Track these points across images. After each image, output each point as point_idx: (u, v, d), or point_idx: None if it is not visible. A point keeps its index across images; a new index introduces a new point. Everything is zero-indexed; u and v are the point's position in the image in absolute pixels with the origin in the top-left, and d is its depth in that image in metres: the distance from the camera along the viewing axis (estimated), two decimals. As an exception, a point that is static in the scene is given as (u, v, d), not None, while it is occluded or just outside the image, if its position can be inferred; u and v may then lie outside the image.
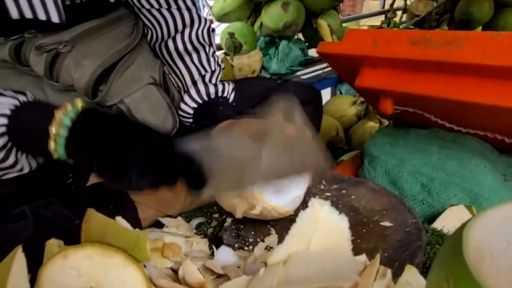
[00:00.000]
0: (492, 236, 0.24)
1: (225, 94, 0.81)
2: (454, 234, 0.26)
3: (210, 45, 0.83)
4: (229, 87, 0.83)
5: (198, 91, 0.79)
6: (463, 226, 0.25)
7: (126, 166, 0.50)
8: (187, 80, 0.80)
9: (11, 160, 0.55)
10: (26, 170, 0.60)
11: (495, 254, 0.22)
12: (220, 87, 0.81)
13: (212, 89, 0.79)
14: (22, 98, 0.55)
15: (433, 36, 0.70)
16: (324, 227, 0.48)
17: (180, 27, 0.78)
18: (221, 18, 2.01)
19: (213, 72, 0.81)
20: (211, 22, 0.96)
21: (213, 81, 0.81)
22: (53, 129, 0.50)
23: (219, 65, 0.83)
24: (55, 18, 0.61)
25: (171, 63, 0.80)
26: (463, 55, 0.66)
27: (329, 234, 0.48)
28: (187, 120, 0.81)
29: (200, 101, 0.79)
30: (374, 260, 0.42)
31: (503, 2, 2.03)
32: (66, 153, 0.52)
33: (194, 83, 0.80)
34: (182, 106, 0.80)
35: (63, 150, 0.51)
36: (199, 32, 0.80)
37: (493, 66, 0.64)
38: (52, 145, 0.51)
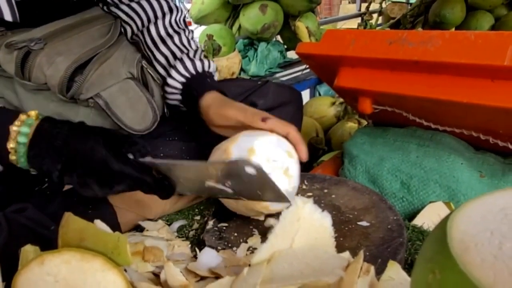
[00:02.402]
0: (476, 227, 0.24)
1: (211, 70, 0.82)
2: (438, 226, 0.26)
3: (188, 30, 0.86)
4: (213, 65, 0.83)
5: (185, 66, 0.79)
6: (446, 218, 0.25)
7: (92, 176, 0.50)
8: (170, 59, 0.81)
9: None
10: None
11: (479, 244, 0.23)
12: (206, 62, 0.81)
13: (198, 63, 0.80)
14: None
15: (409, 36, 0.71)
16: (308, 225, 0.48)
17: (159, 14, 0.80)
18: (199, 21, 2.00)
19: (195, 50, 0.83)
20: (189, 24, 0.97)
21: (197, 57, 0.82)
22: (10, 145, 0.50)
23: (199, 47, 0.85)
24: (8, 17, 0.60)
25: (153, 48, 0.81)
26: (439, 53, 0.67)
27: (313, 231, 0.48)
28: (176, 96, 0.81)
29: (188, 75, 0.79)
30: (358, 257, 0.42)
31: (475, 4, 2.10)
32: (28, 163, 0.51)
33: (180, 59, 0.80)
34: (170, 81, 0.79)
35: (24, 162, 0.51)
36: (177, 19, 0.83)
37: (467, 64, 0.65)
38: (13, 157, 0.50)
